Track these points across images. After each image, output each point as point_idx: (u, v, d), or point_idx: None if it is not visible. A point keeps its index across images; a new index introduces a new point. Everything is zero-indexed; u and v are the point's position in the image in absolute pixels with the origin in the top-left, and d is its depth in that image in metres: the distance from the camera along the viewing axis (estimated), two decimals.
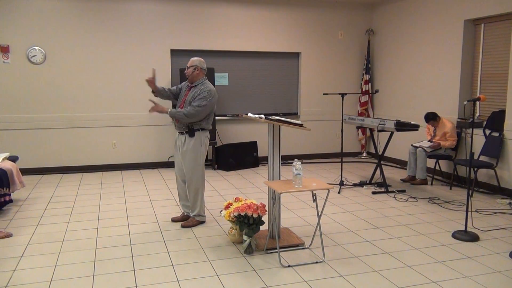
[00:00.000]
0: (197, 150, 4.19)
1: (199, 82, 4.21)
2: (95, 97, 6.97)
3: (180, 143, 4.26)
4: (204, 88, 4.15)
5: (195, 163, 4.19)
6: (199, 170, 4.24)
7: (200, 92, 4.12)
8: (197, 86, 4.19)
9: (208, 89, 4.14)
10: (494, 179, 5.58)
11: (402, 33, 7.41)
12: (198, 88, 4.17)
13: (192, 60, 4.26)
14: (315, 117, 8.07)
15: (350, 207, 5.04)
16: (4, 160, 5.01)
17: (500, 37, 5.79)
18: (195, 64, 4.21)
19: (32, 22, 6.56)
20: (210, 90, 4.13)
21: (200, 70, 4.21)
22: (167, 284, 3.12)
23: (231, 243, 3.88)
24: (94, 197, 5.49)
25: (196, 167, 4.21)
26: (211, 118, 4.26)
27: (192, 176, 4.22)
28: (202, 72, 4.23)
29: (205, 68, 4.27)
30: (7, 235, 4.04)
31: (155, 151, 7.36)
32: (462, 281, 3.17)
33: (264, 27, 7.63)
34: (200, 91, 4.13)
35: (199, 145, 4.18)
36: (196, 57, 4.29)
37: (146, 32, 7.07)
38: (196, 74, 4.21)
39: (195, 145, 4.16)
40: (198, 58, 4.27)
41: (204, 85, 4.18)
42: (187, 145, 4.17)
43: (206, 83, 4.21)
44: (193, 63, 4.21)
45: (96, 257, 3.58)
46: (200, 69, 4.21)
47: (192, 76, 4.21)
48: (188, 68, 4.22)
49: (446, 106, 6.49)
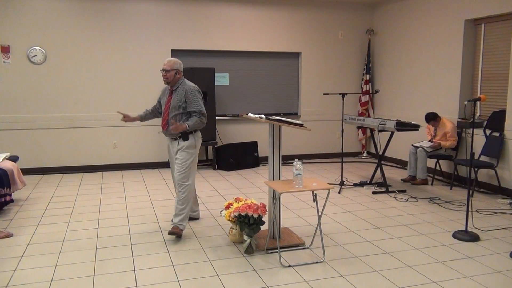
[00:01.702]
0: (191, 153, 4.01)
1: (179, 84, 4.03)
2: (95, 97, 6.97)
3: (173, 150, 4.08)
4: (187, 88, 3.98)
5: (188, 165, 3.99)
6: (193, 173, 4.06)
7: (188, 93, 3.96)
8: (179, 88, 4.02)
9: (192, 88, 4.00)
10: (494, 179, 5.57)
11: (403, 33, 7.41)
12: (180, 89, 4.00)
13: (170, 62, 3.98)
14: (315, 117, 8.07)
15: (351, 207, 5.04)
16: (5, 160, 5.01)
17: (501, 37, 5.79)
18: (176, 67, 3.98)
19: (32, 22, 6.57)
20: (194, 87, 4.02)
21: (180, 73, 4.03)
22: (167, 284, 3.12)
23: (232, 243, 3.88)
24: (94, 197, 5.49)
25: (189, 170, 4.00)
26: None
27: (182, 179, 3.98)
28: (181, 74, 4.05)
29: (183, 69, 4.10)
30: (7, 235, 4.04)
31: (156, 151, 7.36)
32: (462, 281, 3.16)
33: (264, 27, 7.63)
34: (187, 93, 3.96)
35: (194, 147, 4.03)
36: (173, 58, 4.07)
37: (146, 32, 7.07)
38: (177, 78, 4.01)
39: (189, 147, 3.99)
40: (175, 59, 4.05)
41: (185, 85, 4.01)
42: (181, 148, 4.00)
43: (185, 82, 4.05)
44: (174, 66, 3.97)
45: (97, 257, 3.58)
46: (180, 72, 4.04)
47: (174, 81, 4.00)
48: (168, 71, 3.95)
49: (446, 106, 6.48)
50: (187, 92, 3.96)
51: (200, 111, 3.96)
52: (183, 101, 3.97)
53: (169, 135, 4.07)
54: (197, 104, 3.98)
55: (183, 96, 3.97)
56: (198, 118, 3.95)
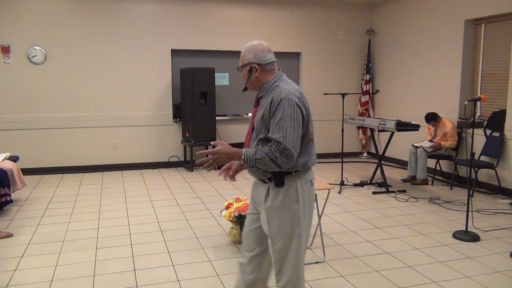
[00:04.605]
0: (292, 215, 2.20)
1: (268, 88, 2.24)
2: (95, 97, 6.97)
3: (258, 196, 2.31)
4: (274, 96, 2.14)
5: (287, 242, 2.20)
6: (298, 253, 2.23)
7: (272, 106, 2.13)
8: (265, 96, 2.24)
9: (282, 96, 2.11)
10: (494, 179, 5.57)
11: (403, 33, 7.41)
12: (266, 98, 2.21)
13: (242, 52, 2.32)
14: (315, 117, 7.95)
15: (351, 207, 5.04)
16: (5, 160, 5.01)
17: (501, 37, 5.79)
18: (249, 59, 2.26)
19: (32, 22, 6.57)
20: (287, 95, 2.12)
21: (259, 69, 2.24)
22: (167, 284, 3.11)
23: (232, 243, 3.88)
24: (94, 197, 5.49)
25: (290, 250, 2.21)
26: (309, 145, 2.24)
27: (281, 254, 2.22)
28: (264, 69, 2.26)
29: (267, 59, 2.27)
30: (7, 235, 4.04)
31: (156, 151, 7.35)
32: (462, 281, 3.16)
33: (264, 27, 7.63)
34: (272, 105, 2.13)
35: (294, 200, 2.19)
36: (249, 44, 2.32)
37: (146, 32, 7.07)
38: (255, 78, 2.26)
39: (287, 200, 2.19)
40: (250, 44, 2.31)
41: (275, 91, 2.17)
42: (272, 200, 2.20)
43: (279, 85, 2.20)
44: (245, 58, 2.28)
45: (97, 257, 3.58)
46: (260, 67, 2.25)
47: (252, 84, 2.29)
48: (240, 69, 2.33)
49: (446, 106, 6.48)
50: (271, 104, 2.14)
51: (279, 142, 2.07)
52: (265, 119, 2.17)
53: (253, 172, 2.30)
54: (280, 128, 2.09)
55: (266, 111, 2.16)
56: (270, 152, 2.08)
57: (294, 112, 2.11)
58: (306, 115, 2.17)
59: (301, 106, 2.15)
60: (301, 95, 2.19)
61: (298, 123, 2.12)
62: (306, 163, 2.21)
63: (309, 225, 2.28)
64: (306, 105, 2.19)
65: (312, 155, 2.26)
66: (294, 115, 2.11)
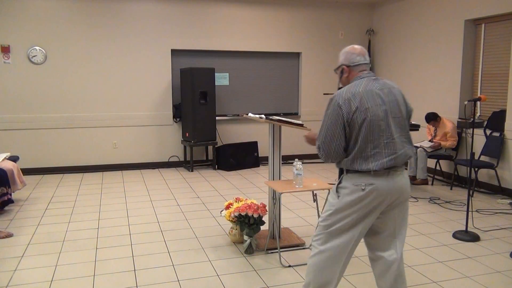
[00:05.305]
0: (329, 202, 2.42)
1: None
2: (95, 97, 6.97)
3: None
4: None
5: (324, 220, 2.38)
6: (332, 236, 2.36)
7: None
8: None
9: (330, 98, 2.35)
10: (494, 179, 5.57)
11: (403, 33, 7.41)
12: None
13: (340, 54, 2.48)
14: (315, 117, 8.05)
15: None
16: (5, 160, 5.01)
17: (501, 37, 5.79)
18: (340, 61, 2.45)
19: (32, 22, 6.57)
20: (330, 99, 2.32)
21: (347, 71, 2.42)
22: (167, 284, 3.11)
23: (232, 243, 3.88)
24: (94, 197, 5.49)
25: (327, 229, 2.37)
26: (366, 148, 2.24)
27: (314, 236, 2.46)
28: (353, 70, 2.40)
29: (356, 61, 2.39)
30: (7, 235, 4.04)
31: (156, 151, 7.36)
32: (462, 281, 3.16)
33: (264, 27, 7.63)
34: None
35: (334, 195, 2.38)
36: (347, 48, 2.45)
37: (146, 32, 7.07)
38: (345, 79, 2.44)
39: (334, 189, 2.42)
40: (345, 48, 2.46)
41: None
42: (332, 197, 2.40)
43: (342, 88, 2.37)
44: (338, 62, 2.48)
45: (97, 257, 3.58)
46: (348, 68, 2.41)
47: (343, 83, 2.47)
48: (335, 71, 2.53)
49: (446, 106, 6.48)
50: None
51: (317, 139, 2.35)
52: None
53: None
54: (320, 127, 2.33)
55: None
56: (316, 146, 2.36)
57: (333, 113, 2.25)
58: (350, 116, 2.21)
59: (343, 106, 2.22)
60: (353, 96, 2.24)
61: (334, 123, 2.23)
62: (355, 165, 2.27)
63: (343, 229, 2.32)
64: (354, 106, 2.22)
65: (369, 160, 2.23)
66: (333, 115, 2.24)
